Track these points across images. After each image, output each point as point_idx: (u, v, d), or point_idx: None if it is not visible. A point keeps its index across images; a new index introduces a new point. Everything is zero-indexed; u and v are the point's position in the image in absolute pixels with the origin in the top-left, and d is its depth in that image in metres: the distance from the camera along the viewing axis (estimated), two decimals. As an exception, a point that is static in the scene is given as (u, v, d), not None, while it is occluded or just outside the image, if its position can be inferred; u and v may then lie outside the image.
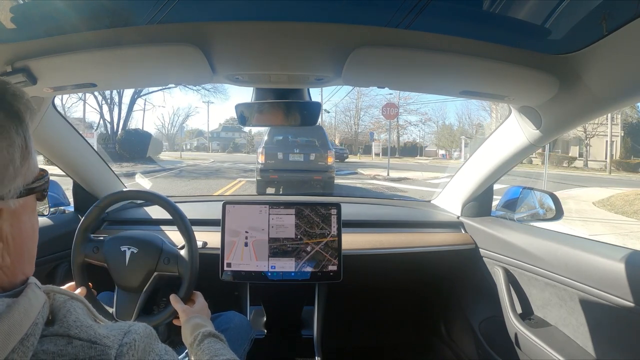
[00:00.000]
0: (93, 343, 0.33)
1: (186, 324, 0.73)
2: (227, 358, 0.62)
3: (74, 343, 0.33)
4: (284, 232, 1.11)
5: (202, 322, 0.73)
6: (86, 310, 0.41)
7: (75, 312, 0.37)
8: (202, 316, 0.77)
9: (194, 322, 0.73)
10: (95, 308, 0.93)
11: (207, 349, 0.64)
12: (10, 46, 0.68)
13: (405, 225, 1.39)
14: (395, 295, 1.62)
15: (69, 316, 0.35)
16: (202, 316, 0.77)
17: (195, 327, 0.71)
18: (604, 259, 0.84)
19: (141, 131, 17.62)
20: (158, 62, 0.73)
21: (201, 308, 0.82)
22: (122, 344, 0.35)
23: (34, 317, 0.32)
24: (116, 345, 0.35)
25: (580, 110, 0.80)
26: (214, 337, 0.67)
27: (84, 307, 0.40)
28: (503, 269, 1.18)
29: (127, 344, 0.36)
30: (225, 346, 0.67)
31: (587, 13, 0.58)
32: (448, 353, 1.48)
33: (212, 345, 0.65)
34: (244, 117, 0.92)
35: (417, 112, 35.76)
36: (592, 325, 0.90)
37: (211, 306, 0.86)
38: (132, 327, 0.39)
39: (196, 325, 0.72)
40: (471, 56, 0.68)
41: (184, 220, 0.96)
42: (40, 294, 0.36)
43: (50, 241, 1.10)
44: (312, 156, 6.69)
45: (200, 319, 0.75)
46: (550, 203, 1.24)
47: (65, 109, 20.92)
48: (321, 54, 0.71)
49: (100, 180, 1.31)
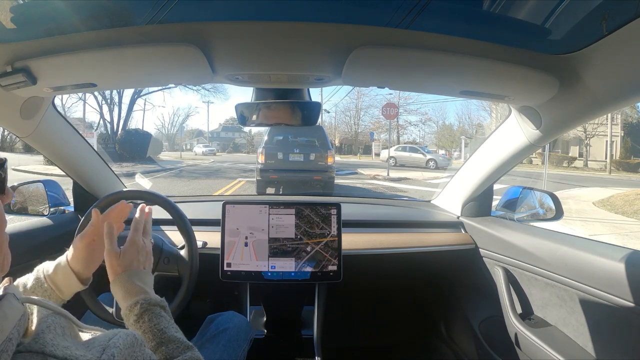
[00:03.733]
0: None
1: (115, 285, 0.56)
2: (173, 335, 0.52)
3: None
4: (284, 232, 1.11)
5: (139, 284, 0.56)
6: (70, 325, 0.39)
7: (54, 330, 0.35)
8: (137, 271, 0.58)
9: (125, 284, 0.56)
10: (95, 309, 0.94)
11: (150, 329, 0.51)
12: (10, 46, 0.68)
13: (405, 225, 1.39)
14: (395, 295, 1.62)
15: (47, 333, 0.34)
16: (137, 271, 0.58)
17: (128, 293, 0.55)
18: (604, 259, 0.84)
19: (141, 131, 17.61)
20: (158, 62, 0.73)
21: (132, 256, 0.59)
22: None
23: (7, 332, 0.31)
24: None
25: (580, 110, 0.80)
26: (155, 306, 0.54)
27: (67, 323, 0.39)
28: (503, 269, 1.18)
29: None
30: (170, 320, 0.55)
31: (587, 13, 0.58)
32: (448, 353, 1.48)
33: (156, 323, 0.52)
34: (243, 117, 0.92)
35: (417, 112, 35.69)
36: (592, 325, 0.90)
37: (211, 306, 0.86)
38: (112, 341, 0.37)
39: (130, 289, 0.55)
40: (471, 56, 0.68)
41: (184, 220, 0.96)
42: (18, 306, 0.34)
43: (50, 241, 1.10)
44: (312, 156, 6.68)
45: (136, 278, 0.57)
46: (550, 203, 1.24)
47: (65, 109, 20.99)
48: (321, 54, 0.71)
49: (100, 180, 1.31)
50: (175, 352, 0.50)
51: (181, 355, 0.50)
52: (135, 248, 0.61)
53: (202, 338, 0.91)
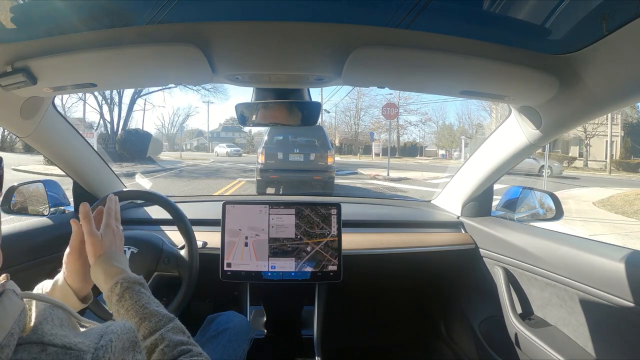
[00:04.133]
0: (68, 349, 0.32)
1: (96, 268, 0.58)
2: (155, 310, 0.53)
3: (48, 350, 0.32)
4: (284, 232, 1.11)
5: (118, 265, 0.58)
6: (68, 317, 0.39)
7: (52, 321, 0.35)
8: (114, 253, 0.60)
9: (105, 267, 0.58)
10: (95, 308, 0.94)
11: (132, 306, 0.53)
12: (10, 46, 0.68)
13: (405, 225, 1.39)
14: (395, 295, 1.62)
15: (45, 324, 0.34)
16: (114, 253, 0.60)
17: (108, 274, 0.57)
18: (604, 259, 0.84)
19: (141, 131, 17.61)
20: (158, 62, 0.73)
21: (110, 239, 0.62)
22: (98, 347, 0.34)
23: (9, 327, 0.31)
24: (92, 349, 0.33)
25: (580, 110, 0.80)
26: (134, 284, 0.56)
27: (65, 315, 0.39)
28: (503, 269, 1.18)
29: (103, 346, 0.34)
30: (150, 296, 0.57)
31: (587, 13, 0.58)
32: (448, 353, 1.48)
33: (138, 299, 0.54)
34: (243, 117, 0.92)
35: (417, 112, 35.77)
36: (592, 325, 0.90)
37: (211, 306, 0.86)
38: (110, 327, 0.37)
39: (109, 271, 0.57)
40: (471, 56, 0.68)
41: (184, 220, 0.96)
42: (17, 302, 0.34)
43: (50, 241, 1.10)
44: (312, 156, 6.68)
45: (114, 260, 0.59)
46: (550, 203, 1.24)
47: (65, 109, 21.01)
48: (321, 54, 0.71)
49: (100, 180, 1.31)
50: (158, 325, 0.52)
51: (164, 327, 0.52)
52: (111, 231, 0.63)
53: (202, 338, 0.91)
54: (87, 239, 0.60)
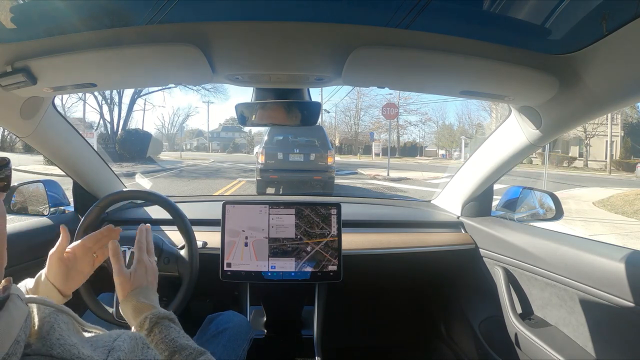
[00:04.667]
0: None
1: (125, 305, 0.59)
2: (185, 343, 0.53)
3: None
4: (284, 232, 1.11)
5: (146, 301, 0.58)
6: (72, 322, 0.39)
7: (59, 329, 0.35)
8: (144, 289, 0.60)
9: (134, 303, 0.58)
10: (95, 308, 0.94)
11: (162, 340, 0.53)
12: (10, 46, 0.68)
13: (405, 225, 1.39)
14: (395, 295, 1.62)
15: (52, 333, 0.34)
16: (144, 289, 0.60)
17: (137, 310, 0.57)
18: (604, 259, 0.84)
19: (141, 131, 17.60)
20: (158, 62, 0.73)
21: (141, 275, 0.62)
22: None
23: (15, 334, 0.30)
24: None
25: (580, 110, 0.80)
26: (163, 319, 0.56)
27: (69, 320, 0.39)
28: (503, 269, 1.18)
29: None
30: (180, 330, 0.57)
31: (587, 13, 0.58)
32: (448, 353, 1.48)
33: (167, 334, 0.54)
34: (244, 117, 0.92)
35: (417, 112, 35.73)
36: (592, 325, 0.90)
37: (211, 306, 0.86)
38: (117, 342, 0.37)
39: (138, 307, 0.57)
40: (471, 56, 0.68)
41: (184, 220, 0.96)
42: (23, 307, 0.34)
43: (50, 241, 1.09)
44: (312, 156, 6.69)
45: (142, 296, 0.59)
46: (550, 203, 1.24)
47: (65, 109, 21.01)
48: (321, 54, 0.71)
49: (100, 180, 1.31)
50: (189, 358, 0.52)
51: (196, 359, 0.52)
52: (143, 267, 0.64)
53: (202, 338, 0.91)
54: (116, 278, 0.61)
